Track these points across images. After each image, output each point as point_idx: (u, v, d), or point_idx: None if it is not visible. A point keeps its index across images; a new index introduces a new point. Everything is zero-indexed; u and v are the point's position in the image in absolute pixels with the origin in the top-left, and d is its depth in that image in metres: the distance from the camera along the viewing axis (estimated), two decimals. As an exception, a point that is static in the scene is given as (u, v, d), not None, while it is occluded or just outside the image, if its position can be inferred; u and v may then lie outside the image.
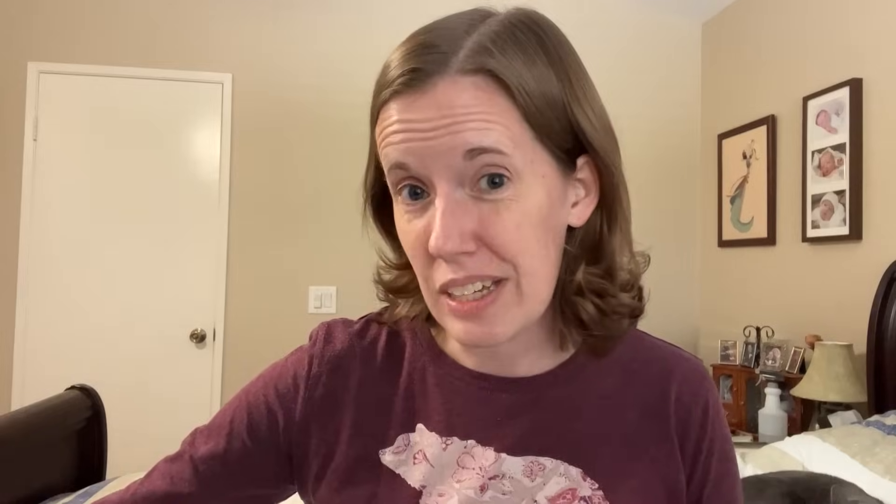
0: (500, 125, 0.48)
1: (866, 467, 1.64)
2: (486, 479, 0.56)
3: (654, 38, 3.36)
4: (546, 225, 0.51)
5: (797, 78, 2.73)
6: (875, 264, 2.28)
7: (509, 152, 0.48)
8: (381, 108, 0.52)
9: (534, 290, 0.51)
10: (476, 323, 0.51)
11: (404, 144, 0.49)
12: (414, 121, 0.49)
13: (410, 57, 0.50)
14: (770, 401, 2.48)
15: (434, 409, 0.59)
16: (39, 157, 2.91)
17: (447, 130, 0.48)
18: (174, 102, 3.02)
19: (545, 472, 0.56)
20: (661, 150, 3.33)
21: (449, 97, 0.48)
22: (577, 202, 0.55)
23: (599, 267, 0.56)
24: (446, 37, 0.50)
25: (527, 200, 0.50)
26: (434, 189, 0.49)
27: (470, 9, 0.54)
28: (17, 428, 1.54)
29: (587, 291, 0.55)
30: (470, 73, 0.48)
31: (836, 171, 2.47)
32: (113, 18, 2.99)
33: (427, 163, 0.49)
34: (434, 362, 0.61)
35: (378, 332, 0.64)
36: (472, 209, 0.49)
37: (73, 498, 1.58)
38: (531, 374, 0.59)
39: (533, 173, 0.50)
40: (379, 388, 0.61)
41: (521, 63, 0.50)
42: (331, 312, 3.07)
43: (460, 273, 0.49)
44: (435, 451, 0.57)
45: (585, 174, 0.55)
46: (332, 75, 3.12)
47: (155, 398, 2.93)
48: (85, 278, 2.91)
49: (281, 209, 3.07)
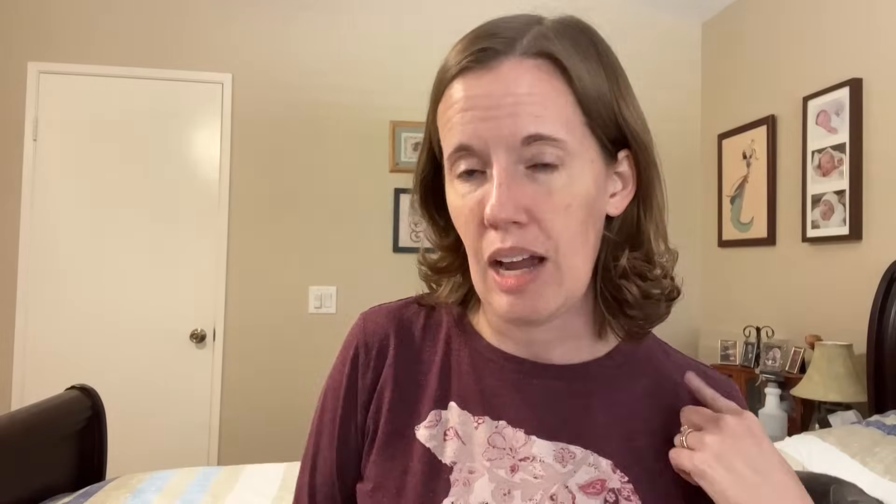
0: (556, 108, 0.52)
1: (866, 467, 1.64)
2: (517, 461, 0.57)
3: (654, 38, 3.36)
4: (590, 209, 0.55)
5: (797, 78, 2.73)
6: (875, 264, 2.28)
7: (563, 137, 0.52)
8: (445, 88, 0.55)
9: (573, 270, 0.55)
10: (520, 297, 0.54)
11: (470, 126, 0.53)
12: (479, 97, 0.53)
13: (477, 40, 0.54)
14: (770, 401, 2.48)
15: (467, 388, 0.61)
16: (39, 157, 2.91)
17: (509, 111, 0.52)
18: (174, 102, 3.02)
19: (576, 461, 0.57)
20: (660, 150, 3.32)
21: (514, 75, 0.52)
22: (615, 193, 0.59)
23: (640, 252, 0.59)
24: (509, 28, 0.55)
25: (576, 183, 0.53)
26: (491, 164, 0.53)
27: (521, 13, 0.58)
28: (17, 428, 1.54)
29: (631, 274, 0.59)
30: (532, 56, 0.53)
31: (836, 171, 2.47)
32: (113, 18, 2.99)
33: (489, 143, 0.52)
34: (469, 343, 0.63)
35: (416, 312, 0.67)
36: (527, 185, 0.53)
37: (73, 498, 1.58)
38: (566, 362, 0.61)
39: (583, 157, 0.54)
40: (415, 366, 0.64)
41: (577, 55, 0.54)
42: (331, 312, 3.07)
43: (507, 242, 0.52)
44: (467, 429, 0.59)
45: (624, 168, 0.58)
46: (332, 75, 3.12)
47: (155, 398, 2.93)
48: (85, 278, 2.91)
49: (281, 209, 3.07)
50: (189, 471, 1.77)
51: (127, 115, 2.98)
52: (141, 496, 1.57)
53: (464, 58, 0.54)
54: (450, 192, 0.57)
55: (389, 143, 3.12)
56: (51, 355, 2.87)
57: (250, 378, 3.02)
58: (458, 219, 0.57)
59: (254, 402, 3.01)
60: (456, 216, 0.57)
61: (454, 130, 0.54)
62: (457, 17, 3.04)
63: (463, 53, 0.54)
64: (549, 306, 0.54)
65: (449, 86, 0.55)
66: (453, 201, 0.57)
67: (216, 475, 1.75)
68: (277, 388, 3.01)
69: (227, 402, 3.00)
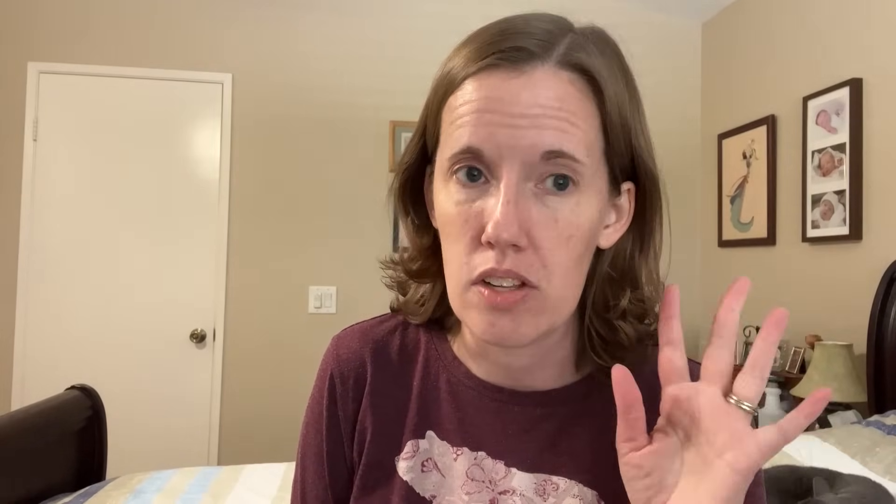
0: (582, 130, 0.48)
1: (866, 467, 1.64)
2: (496, 494, 0.55)
3: (654, 38, 3.36)
4: (589, 242, 0.51)
5: (797, 78, 2.73)
6: (875, 264, 2.28)
7: (583, 160, 0.48)
8: (461, 81, 0.50)
9: (561, 301, 0.51)
10: (505, 317, 0.49)
11: (486, 129, 0.48)
12: (503, 101, 0.47)
13: (508, 37, 0.49)
14: (770, 401, 2.48)
15: (446, 417, 0.58)
16: (39, 157, 2.91)
17: (534, 122, 0.47)
18: (174, 102, 3.02)
19: (558, 493, 0.55)
20: (661, 150, 3.27)
21: (546, 85, 0.48)
22: (609, 225, 0.55)
23: (639, 293, 0.56)
24: (543, 30, 0.49)
25: (583, 213, 0.49)
26: (499, 176, 0.48)
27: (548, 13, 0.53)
28: (17, 428, 1.54)
29: (629, 316, 0.55)
30: (568, 68, 0.49)
31: (836, 171, 2.47)
32: (113, 18, 2.99)
33: (503, 152, 0.47)
34: (447, 369, 0.60)
35: (392, 331, 0.63)
36: (533, 208, 0.48)
37: (73, 498, 1.58)
38: (547, 388, 0.57)
39: (594, 186, 0.50)
40: (393, 392, 0.60)
41: (610, 76, 0.50)
42: (331, 312, 3.07)
43: (504, 265, 0.48)
44: (446, 460, 0.57)
45: (623, 200, 0.55)
46: (333, 75, 3.12)
47: (155, 398, 2.93)
48: (85, 278, 2.91)
49: (281, 209, 3.07)
50: (189, 471, 1.77)
51: (127, 115, 2.97)
52: (141, 496, 1.57)
53: (491, 53, 0.48)
54: (440, 194, 0.52)
55: (389, 143, 3.12)
56: (51, 355, 2.87)
57: (250, 378, 3.02)
58: (447, 226, 0.51)
59: (254, 402, 3.01)
60: (445, 223, 0.51)
61: (465, 129, 0.48)
62: (458, 18, 3.04)
63: (490, 48, 0.48)
64: (530, 332, 0.50)
65: (468, 80, 0.49)
66: (445, 206, 0.51)
67: (216, 475, 1.75)
68: (277, 388, 3.01)
69: (227, 402, 3.00)
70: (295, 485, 0.64)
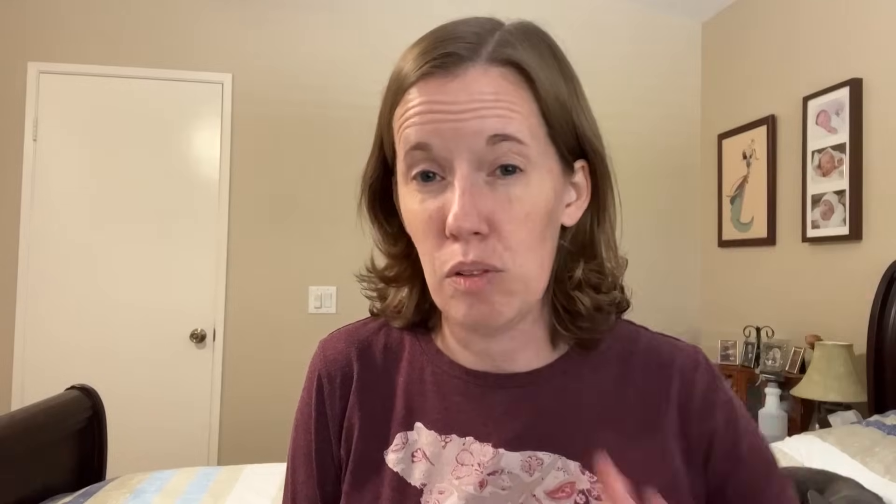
0: (522, 115, 0.52)
1: (866, 467, 1.64)
2: (485, 475, 0.57)
3: (654, 38, 3.36)
4: (548, 219, 0.54)
5: (797, 78, 2.73)
6: (875, 264, 2.28)
7: (527, 142, 0.51)
8: (405, 90, 0.53)
9: (529, 279, 0.54)
10: (479, 299, 0.52)
11: (431, 125, 0.51)
12: (443, 102, 0.51)
13: (438, 44, 0.52)
14: (770, 401, 2.48)
15: (432, 407, 0.60)
16: (39, 157, 2.91)
17: (475, 114, 0.50)
18: (174, 102, 3.02)
19: (543, 467, 0.57)
20: (661, 150, 3.33)
21: (479, 84, 0.51)
22: (570, 204, 0.58)
23: (594, 263, 0.59)
24: (471, 32, 0.53)
25: (536, 192, 0.53)
26: (452, 171, 0.52)
27: (479, 17, 0.56)
28: (17, 428, 1.54)
29: (585, 286, 0.58)
30: (498, 64, 0.52)
31: (836, 171, 2.47)
32: (113, 18, 2.99)
33: (450, 144, 0.51)
34: (432, 362, 0.62)
35: (376, 332, 0.66)
36: (488, 194, 0.51)
37: (73, 498, 1.58)
38: (528, 369, 0.60)
39: (543, 167, 0.53)
40: (379, 388, 0.62)
41: (540, 64, 0.54)
42: (331, 312, 3.07)
43: (469, 255, 0.51)
44: (434, 449, 0.59)
45: (579, 178, 0.58)
46: (332, 75, 3.12)
47: (155, 398, 2.93)
48: (85, 278, 2.91)
49: (281, 209, 3.07)
50: (189, 471, 1.77)
51: (127, 115, 2.98)
52: (141, 496, 1.57)
53: (425, 62, 0.52)
54: (404, 197, 0.55)
55: (389, 143, 3.12)
56: (51, 355, 2.87)
57: (250, 378, 3.02)
58: (413, 225, 0.55)
59: (254, 402, 3.01)
60: (411, 222, 0.55)
61: (412, 129, 0.52)
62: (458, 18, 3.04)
63: (424, 57, 0.52)
64: (504, 312, 0.53)
65: (410, 89, 0.53)
66: (409, 206, 0.54)
67: (216, 475, 1.75)
68: (277, 388, 3.01)
69: (227, 402, 3.00)
70: (286, 486, 0.65)
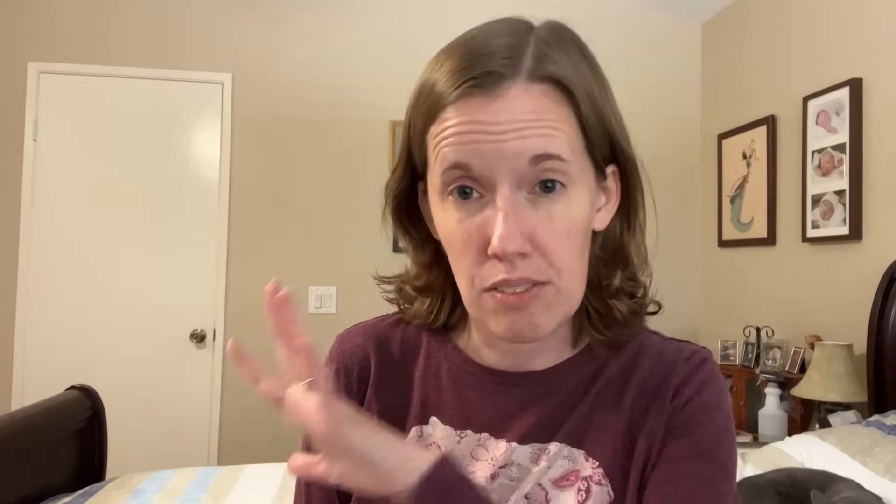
0: (563, 133, 0.51)
1: (866, 467, 1.64)
2: (497, 468, 0.58)
3: (654, 38, 3.36)
4: (586, 232, 0.55)
5: (797, 78, 2.73)
6: (875, 264, 2.28)
7: (569, 159, 0.51)
8: (442, 108, 0.52)
9: (571, 292, 0.55)
10: (522, 315, 0.52)
11: (471, 146, 0.50)
12: (485, 122, 0.50)
13: (476, 60, 0.51)
14: (770, 401, 2.48)
15: (449, 403, 0.61)
16: (39, 157, 2.91)
17: (517, 134, 0.50)
18: (174, 102, 3.02)
19: (550, 456, 0.58)
20: (660, 150, 3.33)
21: (521, 102, 0.50)
22: (600, 208, 0.58)
23: (629, 271, 0.60)
24: (504, 45, 0.52)
25: (575, 208, 0.53)
26: (492, 190, 0.51)
27: (506, 18, 0.55)
28: (17, 428, 1.54)
29: (622, 294, 0.59)
30: (539, 81, 0.51)
31: (836, 171, 2.47)
32: (113, 18, 2.99)
33: (492, 164, 0.50)
34: (448, 358, 0.63)
35: (393, 327, 0.67)
36: (530, 213, 0.51)
37: (73, 498, 1.58)
38: (544, 367, 0.61)
39: (582, 180, 0.54)
40: (396, 382, 0.64)
41: (576, 75, 0.53)
42: (331, 312, 3.07)
43: (514, 273, 0.51)
44: (450, 443, 0.60)
45: (610, 182, 0.58)
46: (332, 75, 3.12)
47: (155, 398, 2.93)
48: (85, 278, 2.91)
49: (281, 209, 3.07)
50: (189, 471, 1.77)
51: (127, 115, 2.98)
52: (141, 496, 1.57)
53: (463, 81, 0.50)
54: (439, 213, 0.55)
55: (389, 143, 3.12)
56: (51, 355, 2.87)
57: (250, 378, 3.01)
58: (451, 243, 0.55)
59: (254, 402, 3.01)
60: (449, 240, 0.55)
61: (451, 148, 0.51)
62: (458, 18, 3.04)
63: (461, 75, 0.50)
64: (546, 325, 0.54)
65: (448, 107, 0.51)
66: (446, 224, 0.54)
67: (216, 475, 1.75)
68: (277, 388, 3.01)
69: (227, 402, 3.00)
70: (299, 485, 0.65)
